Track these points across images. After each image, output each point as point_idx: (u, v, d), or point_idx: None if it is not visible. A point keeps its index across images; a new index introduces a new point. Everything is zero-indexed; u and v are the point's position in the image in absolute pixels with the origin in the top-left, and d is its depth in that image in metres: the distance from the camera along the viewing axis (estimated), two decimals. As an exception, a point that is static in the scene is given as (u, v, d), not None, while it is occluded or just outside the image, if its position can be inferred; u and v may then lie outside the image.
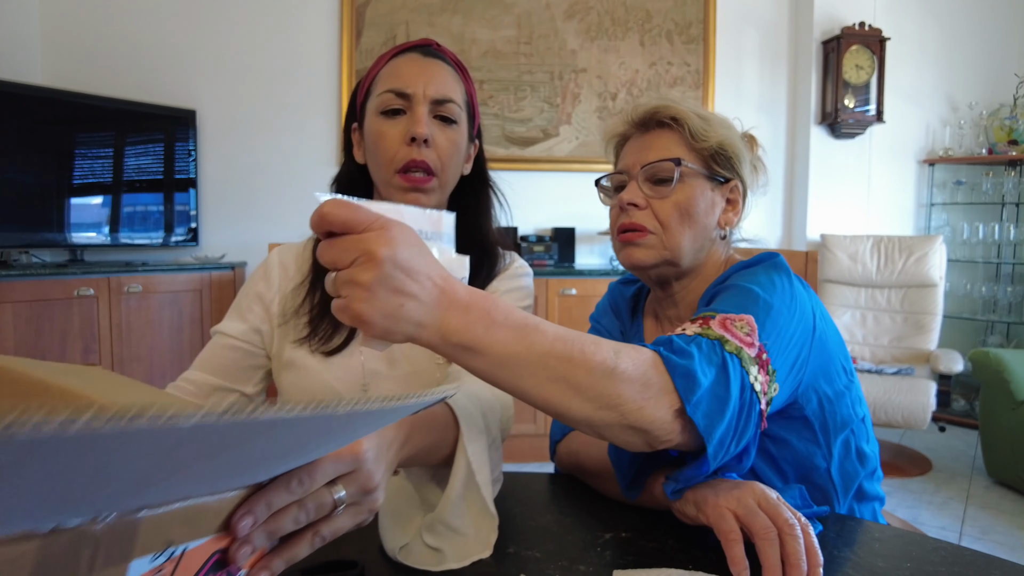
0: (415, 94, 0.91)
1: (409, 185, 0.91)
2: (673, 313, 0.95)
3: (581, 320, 3.12)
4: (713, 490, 0.65)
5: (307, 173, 3.35)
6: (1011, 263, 3.67)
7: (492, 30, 3.41)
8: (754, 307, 0.73)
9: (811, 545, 0.59)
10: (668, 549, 0.67)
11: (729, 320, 0.70)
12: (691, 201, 0.87)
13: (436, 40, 0.99)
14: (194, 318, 2.94)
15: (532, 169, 3.49)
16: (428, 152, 0.91)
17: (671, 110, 0.90)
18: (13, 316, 2.41)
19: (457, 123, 0.94)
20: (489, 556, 0.65)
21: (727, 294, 0.77)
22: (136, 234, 3.01)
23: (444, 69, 0.95)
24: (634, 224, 0.88)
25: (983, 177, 3.68)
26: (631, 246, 0.89)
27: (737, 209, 0.92)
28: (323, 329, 0.95)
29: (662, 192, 0.88)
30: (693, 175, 0.88)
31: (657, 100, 0.92)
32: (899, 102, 3.65)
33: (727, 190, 0.91)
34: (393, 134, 0.92)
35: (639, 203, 0.88)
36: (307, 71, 3.34)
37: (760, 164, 0.96)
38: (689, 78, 3.58)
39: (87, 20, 3.13)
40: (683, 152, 0.89)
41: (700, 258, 0.91)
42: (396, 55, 0.95)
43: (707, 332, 0.68)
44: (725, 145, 0.89)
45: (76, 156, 2.84)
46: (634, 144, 0.94)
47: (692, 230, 0.88)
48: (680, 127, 0.89)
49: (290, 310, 0.97)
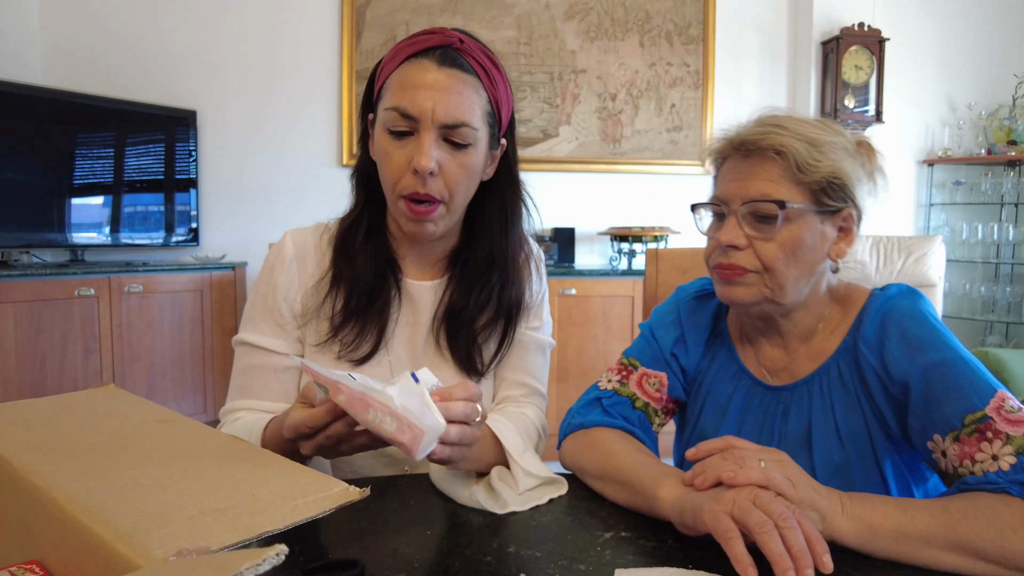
0: (422, 118, 0.84)
1: (413, 216, 0.88)
2: (778, 342, 0.90)
3: (581, 320, 3.14)
4: (707, 496, 0.65)
5: (308, 173, 3.35)
6: (1010, 263, 3.67)
7: (492, 31, 3.42)
8: (983, 379, 0.73)
9: (810, 533, 0.59)
10: (668, 548, 0.68)
11: (1006, 418, 0.70)
12: (798, 241, 0.81)
13: (460, 32, 0.89)
14: (195, 318, 2.94)
15: (532, 169, 3.49)
16: (434, 183, 0.86)
17: (774, 141, 0.80)
18: (14, 316, 2.41)
19: (471, 145, 0.87)
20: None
21: (950, 379, 0.74)
22: (137, 234, 3.02)
23: (460, 82, 0.86)
24: (733, 266, 0.83)
25: (982, 177, 3.68)
26: (730, 284, 0.84)
27: (851, 238, 0.85)
28: (346, 336, 0.93)
29: (765, 232, 0.81)
30: (800, 214, 0.81)
31: (760, 128, 0.83)
32: (898, 102, 3.65)
33: (839, 219, 0.84)
34: (399, 157, 0.86)
35: (739, 245, 0.82)
36: (308, 71, 3.34)
37: (880, 174, 0.88)
38: (689, 79, 3.59)
39: (88, 21, 3.13)
40: (787, 187, 0.81)
41: (805, 293, 0.86)
42: (412, 56, 0.87)
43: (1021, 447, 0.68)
44: (837, 174, 0.81)
45: (77, 156, 2.84)
46: (733, 169, 0.85)
47: (798, 270, 0.82)
48: (785, 159, 0.81)
49: (310, 309, 0.95)
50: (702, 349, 0.98)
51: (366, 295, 0.94)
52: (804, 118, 0.85)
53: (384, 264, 0.96)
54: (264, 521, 0.42)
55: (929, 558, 0.64)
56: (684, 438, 1.00)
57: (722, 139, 0.88)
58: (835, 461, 0.83)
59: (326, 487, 0.48)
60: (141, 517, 0.41)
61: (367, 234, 0.96)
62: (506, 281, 0.98)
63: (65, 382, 2.55)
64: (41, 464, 0.48)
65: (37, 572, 0.42)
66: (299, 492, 0.47)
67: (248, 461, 0.53)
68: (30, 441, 0.53)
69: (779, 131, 0.81)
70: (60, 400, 0.67)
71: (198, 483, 0.48)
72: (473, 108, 0.86)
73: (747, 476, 0.64)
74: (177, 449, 0.55)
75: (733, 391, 0.93)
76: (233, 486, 0.47)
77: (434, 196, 0.87)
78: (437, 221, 0.90)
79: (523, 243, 1.03)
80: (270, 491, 0.47)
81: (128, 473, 0.49)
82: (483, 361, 1.00)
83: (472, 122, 0.86)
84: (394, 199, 0.89)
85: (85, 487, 0.45)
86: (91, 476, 0.47)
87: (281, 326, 0.95)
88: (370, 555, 0.64)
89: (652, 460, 0.81)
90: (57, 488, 0.44)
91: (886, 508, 0.67)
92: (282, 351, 0.94)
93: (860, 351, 0.83)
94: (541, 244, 3.32)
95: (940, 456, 0.74)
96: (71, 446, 0.53)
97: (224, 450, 0.55)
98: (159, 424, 0.60)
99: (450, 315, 0.98)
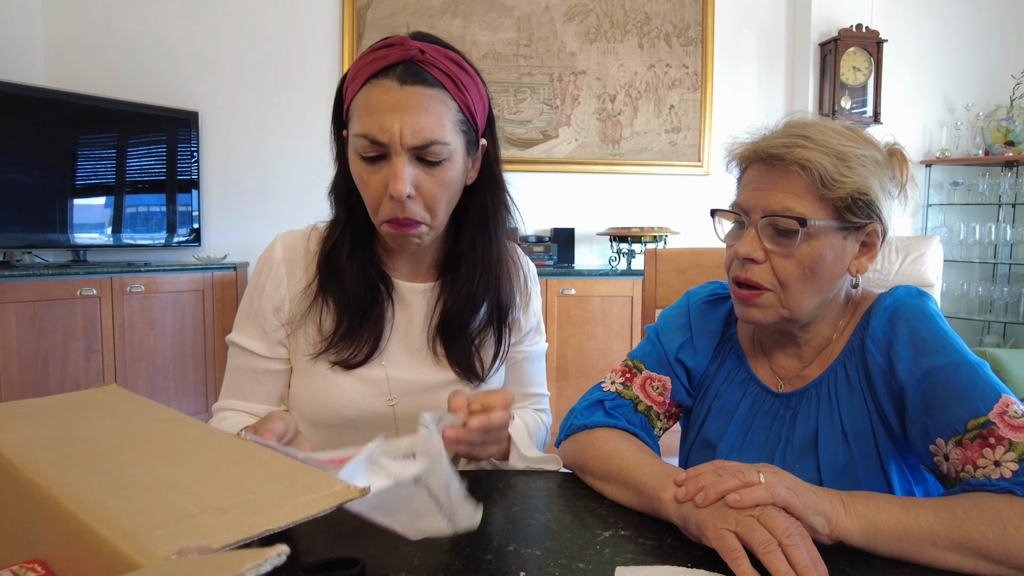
0: (391, 143, 0.81)
1: (398, 234, 0.88)
2: (794, 352, 0.90)
3: (580, 320, 3.15)
4: (710, 513, 0.65)
5: (308, 174, 3.36)
6: (1007, 263, 3.68)
7: (492, 32, 3.42)
8: (989, 384, 0.73)
9: (812, 554, 0.59)
10: (667, 547, 0.68)
11: (1009, 424, 0.70)
12: (817, 258, 0.79)
13: (424, 37, 0.85)
14: (196, 318, 2.95)
15: (532, 170, 3.50)
16: (413, 205, 0.85)
17: (800, 155, 0.77)
18: (16, 316, 2.42)
19: (445, 160, 0.85)
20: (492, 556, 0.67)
21: (955, 383, 0.74)
22: (138, 235, 3.02)
23: (426, 98, 0.82)
24: (750, 280, 0.82)
25: (980, 178, 3.69)
26: (746, 305, 0.84)
27: (873, 253, 0.83)
28: (341, 347, 0.93)
29: (784, 247, 0.79)
30: (821, 231, 0.79)
31: (786, 139, 0.80)
32: (896, 103, 3.66)
33: (863, 234, 0.82)
34: (374, 183, 0.85)
35: (757, 259, 0.81)
36: (309, 73, 3.35)
37: (911, 183, 0.85)
38: (687, 80, 3.59)
39: (89, 22, 3.14)
40: (810, 202, 0.78)
41: (823, 308, 0.85)
42: (373, 77, 0.83)
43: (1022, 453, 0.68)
44: (863, 189, 0.78)
45: (79, 157, 2.85)
46: (756, 178, 0.83)
47: (815, 287, 0.81)
48: (809, 174, 0.78)
49: (297, 316, 0.95)
50: (711, 355, 0.97)
51: (359, 312, 0.94)
52: (834, 127, 0.82)
53: (374, 277, 0.96)
54: (265, 519, 0.42)
55: (933, 557, 0.64)
56: (688, 443, 1.00)
57: (747, 145, 0.85)
58: (841, 462, 0.82)
59: (327, 485, 0.48)
60: (143, 516, 0.42)
61: (351, 251, 0.95)
62: (490, 281, 0.98)
63: (67, 382, 2.56)
64: (43, 463, 0.49)
65: (39, 571, 0.42)
66: (300, 491, 0.47)
67: (249, 460, 0.53)
68: (32, 440, 0.54)
69: (805, 143, 0.78)
70: (62, 399, 0.67)
71: (199, 482, 0.48)
72: (443, 123, 0.83)
73: (752, 497, 0.63)
74: (179, 448, 0.55)
75: (740, 397, 0.93)
76: (234, 484, 0.47)
77: (414, 219, 0.86)
78: (422, 236, 0.89)
79: (512, 247, 1.03)
80: (271, 489, 0.47)
81: (130, 472, 0.49)
82: (483, 366, 1.00)
83: (443, 138, 0.83)
84: (377, 223, 0.89)
85: (87, 486, 0.45)
86: (93, 475, 0.48)
87: (265, 331, 0.96)
88: (371, 553, 0.65)
89: (655, 460, 0.80)
90: (59, 487, 0.45)
91: (889, 507, 0.67)
92: (264, 354, 0.96)
93: (867, 349, 0.82)
94: (541, 244, 3.35)
95: (942, 460, 0.74)
96: (73, 445, 0.53)
97: (225, 449, 0.55)
98: (161, 423, 0.60)
99: (444, 324, 0.98)
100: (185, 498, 0.45)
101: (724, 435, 0.92)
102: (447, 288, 0.99)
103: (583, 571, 0.63)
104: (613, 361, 1.05)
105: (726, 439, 0.92)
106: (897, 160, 0.84)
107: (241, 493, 0.46)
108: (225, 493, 0.46)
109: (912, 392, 0.77)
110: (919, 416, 0.76)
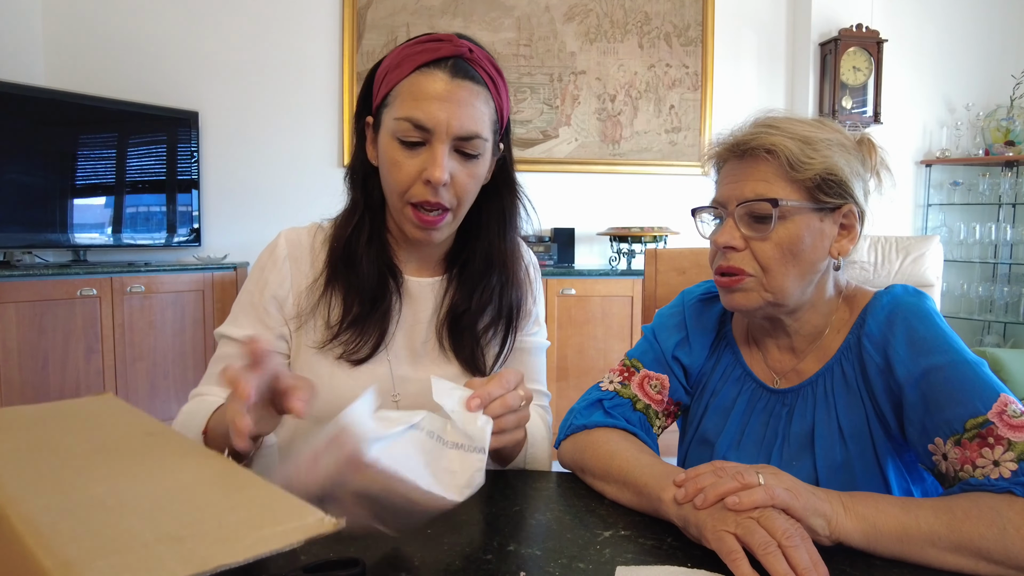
0: (436, 130, 0.84)
1: (420, 223, 0.89)
2: (786, 343, 0.90)
3: (580, 320, 3.15)
4: (710, 514, 0.65)
5: (309, 174, 3.36)
6: (1008, 263, 3.68)
7: (492, 32, 3.42)
8: (987, 383, 0.73)
9: (812, 555, 0.59)
10: (667, 547, 0.68)
11: (1008, 423, 0.70)
12: (795, 239, 0.81)
13: (465, 38, 0.89)
14: (197, 318, 2.95)
15: (532, 170, 3.50)
16: (445, 192, 0.87)
17: (764, 141, 0.81)
18: (16, 316, 2.42)
19: (480, 155, 0.88)
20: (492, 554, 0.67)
21: (954, 382, 0.74)
22: (139, 235, 3.02)
23: (473, 94, 0.86)
24: (731, 268, 0.83)
25: (980, 178, 3.69)
26: (730, 292, 0.85)
27: (853, 235, 0.85)
28: (347, 339, 0.93)
29: (762, 232, 0.81)
30: (795, 211, 0.81)
31: (752, 129, 0.84)
32: (896, 103, 3.66)
33: (839, 216, 0.84)
34: (409, 167, 0.86)
35: (736, 246, 0.83)
36: (309, 73, 3.35)
37: (884, 170, 0.88)
38: (688, 80, 3.59)
39: (90, 22, 3.14)
40: (781, 186, 0.81)
41: (809, 292, 0.86)
42: (423, 66, 0.86)
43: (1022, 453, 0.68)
44: (832, 170, 0.81)
45: (79, 157, 2.85)
46: (730, 172, 0.86)
47: (797, 269, 0.82)
48: (776, 158, 0.81)
49: (305, 311, 0.95)
50: (707, 352, 0.98)
51: (369, 302, 0.94)
52: (800, 118, 0.85)
53: (386, 268, 0.97)
54: (223, 552, 0.39)
55: (932, 558, 0.64)
56: (687, 440, 1.00)
57: (718, 143, 0.89)
58: (837, 461, 0.83)
59: (299, 516, 0.45)
60: (90, 542, 0.39)
61: (369, 238, 0.96)
62: (506, 282, 0.99)
63: (67, 382, 2.56)
64: (7, 476, 0.47)
65: None
66: (269, 520, 0.44)
67: (225, 482, 0.50)
68: (7, 451, 0.52)
69: (771, 131, 0.82)
70: (54, 408, 0.66)
71: (165, 505, 0.46)
72: (484, 119, 0.88)
73: (752, 500, 0.64)
74: (155, 465, 0.53)
75: (737, 394, 0.93)
76: (202, 509, 0.45)
77: (444, 204, 0.87)
78: (443, 228, 0.91)
79: (520, 245, 1.03)
80: (238, 517, 0.44)
81: (95, 490, 0.47)
82: (486, 362, 1.01)
83: (483, 133, 0.87)
84: (400, 206, 0.90)
85: (44, 504, 0.43)
86: (55, 492, 0.46)
87: (264, 323, 0.95)
88: (371, 554, 0.65)
89: (655, 460, 0.81)
90: (14, 504, 0.43)
91: (889, 508, 0.67)
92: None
93: (864, 347, 0.82)
94: (541, 244, 3.35)
95: (941, 459, 0.74)
96: (46, 458, 0.52)
97: (203, 469, 0.53)
98: (146, 437, 0.58)
99: (453, 317, 0.99)
100: (143, 523, 0.42)
101: (722, 432, 0.92)
102: (455, 281, 1.00)
103: (583, 571, 0.63)
104: (613, 361, 1.05)
105: (723, 436, 0.92)
106: (866, 147, 0.87)
107: (206, 519, 0.44)
108: (188, 519, 0.43)
109: (910, 391, 0.77)
110: (917, 415, 0.76)
